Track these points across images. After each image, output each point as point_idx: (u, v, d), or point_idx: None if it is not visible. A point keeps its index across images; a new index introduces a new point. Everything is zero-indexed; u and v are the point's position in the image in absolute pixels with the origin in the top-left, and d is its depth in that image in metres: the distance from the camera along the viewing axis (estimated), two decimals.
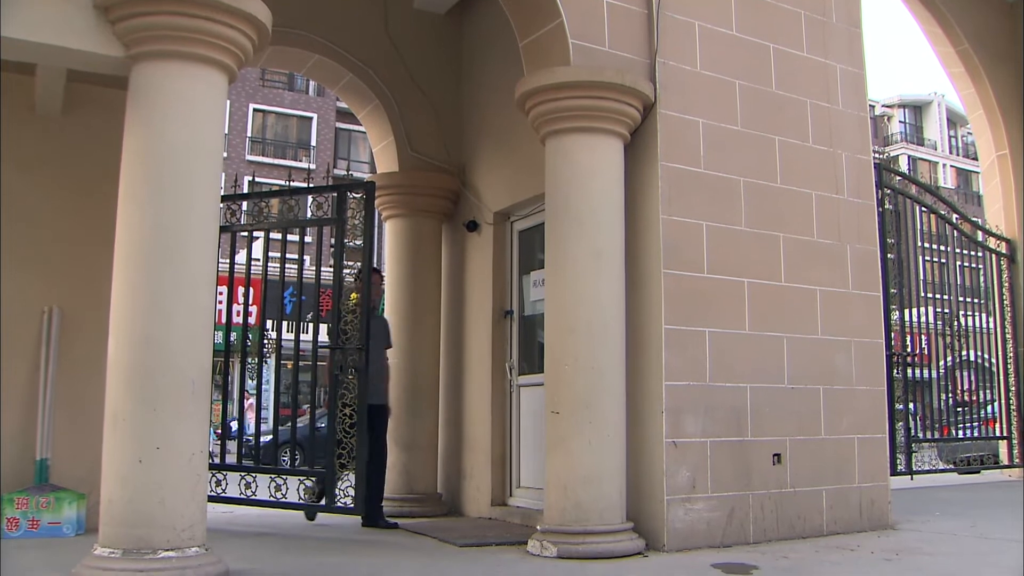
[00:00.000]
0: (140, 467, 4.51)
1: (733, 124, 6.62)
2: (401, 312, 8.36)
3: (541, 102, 6.15)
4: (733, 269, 6.41)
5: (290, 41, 7.97)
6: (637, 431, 6.05)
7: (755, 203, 6.60)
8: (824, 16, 7.31)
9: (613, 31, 6.32)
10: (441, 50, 8.87)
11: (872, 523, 6.82)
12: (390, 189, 8.48)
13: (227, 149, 34.05)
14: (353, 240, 7.68)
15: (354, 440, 6.99)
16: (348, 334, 7.15)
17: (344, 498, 7.17)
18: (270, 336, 9.10)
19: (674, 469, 5.94)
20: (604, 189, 6.06)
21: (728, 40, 6.75)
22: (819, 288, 6.82)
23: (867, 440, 6.93)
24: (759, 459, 6.33)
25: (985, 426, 11.92)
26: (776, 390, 6.48)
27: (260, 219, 8.08)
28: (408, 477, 8.10)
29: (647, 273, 6.16)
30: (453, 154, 8.69)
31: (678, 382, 6.03)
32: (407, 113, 8.58)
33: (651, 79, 6.31)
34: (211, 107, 5.00)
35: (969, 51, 11.51)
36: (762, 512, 6.28)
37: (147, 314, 4.66)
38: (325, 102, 37.65)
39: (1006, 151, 11.68)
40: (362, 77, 8.43)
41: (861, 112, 7.41)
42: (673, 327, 6.06)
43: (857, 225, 7.15)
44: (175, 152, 4.80)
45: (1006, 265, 11.51)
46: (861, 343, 7.00)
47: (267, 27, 5.18)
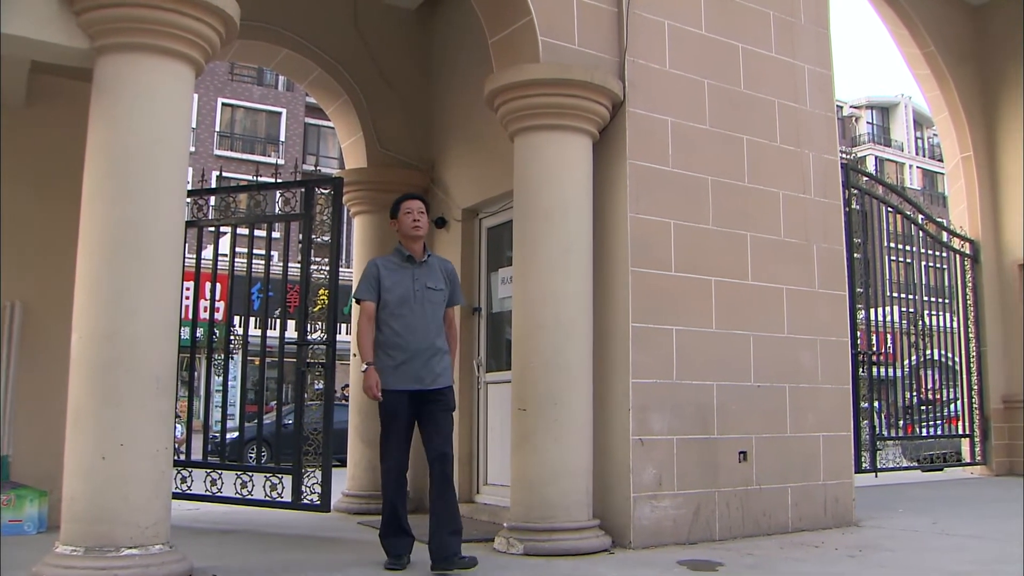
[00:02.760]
0: (103, 464, 4.47)
1: (701, 123, 6.67)
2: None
3: (510, 99, 6.17)
4: (700, 267, 6.46)
5: (258, 35, 7.92)
6: (604, 428, 6.08)
7: (723, 202, 6.66)
8: (792, 17, 7.38)
9: (583, 29, 6.34)
10: (411, 46, 8.87)
11: (837, 520, 6.90)
12: (358, 185, 8.47)
13: (195, 143, 33.79)
14: (321, 236, 7.68)
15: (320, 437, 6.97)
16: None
17: (311, 495, 7.16)
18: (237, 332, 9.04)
19: (641, 467, 5.98)
20: (572, 187, 6.09)
21: (697, 39, 6.80)
22: (785, 287, 6.89)
23: (832, 438, 7.01)
24: (725, 457, 6.39)
25: (948, 424, 12.10)
26: (742, 388, 6.54)
27: (227, 214, 8.04)
28: (375, 474, 8.02)
29: (615, 271, 6.20)
30: (422, 150, 8.68)
31: (645, 380, 6.07)
32: (376, 109, 8.57)
33: (620, 77, 6.34)
34: (177, 101, 4.96)
35: (935, 53, 11.68)
36: (728, 509, 6.34)
37: (111, 309, 4.62)
38: (294, 97, 37.48)
39: (970, 153, 11.87)
40: (331, 72, 8.40)
41: (828, 112, 7.49)
42: (640, 325, 6.10)
43: (823, 224, 7.23)
44: (140, 146, 4.75)
45: (970, 265, 11.70)
46: (827, 341, 7.08)
47: (235, 20, 5.15)
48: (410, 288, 5.21)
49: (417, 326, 5.17)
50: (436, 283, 5.30)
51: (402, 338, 5.14)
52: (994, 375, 11.55)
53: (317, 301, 7.67)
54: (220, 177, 32.23)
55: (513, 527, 5.79)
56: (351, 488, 8.18)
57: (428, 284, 5.26)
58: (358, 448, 8.19)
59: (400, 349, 5.14)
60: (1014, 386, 11.57)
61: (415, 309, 5.18)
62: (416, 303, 5.19)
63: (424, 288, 5.24)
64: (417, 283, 5.23)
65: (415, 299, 5.20)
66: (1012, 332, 11.66)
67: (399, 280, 5.22)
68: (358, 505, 7.93)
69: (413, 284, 5.22)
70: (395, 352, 5.14)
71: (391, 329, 5.16)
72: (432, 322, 5.23)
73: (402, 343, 5.14)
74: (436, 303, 5.28)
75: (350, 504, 8.00)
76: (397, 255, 5.34)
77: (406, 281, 5.22)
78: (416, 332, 5.15)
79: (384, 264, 5.31)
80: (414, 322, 5.17)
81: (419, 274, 5.26)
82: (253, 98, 37.45)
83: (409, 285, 5.21)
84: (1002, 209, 11.87)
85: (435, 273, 5.33)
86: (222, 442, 8.06)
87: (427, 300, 5.24)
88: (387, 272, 5.24)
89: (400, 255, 5.33)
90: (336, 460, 7.96)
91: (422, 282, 5.25)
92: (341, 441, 8.43)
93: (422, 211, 5.35)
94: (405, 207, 5.34)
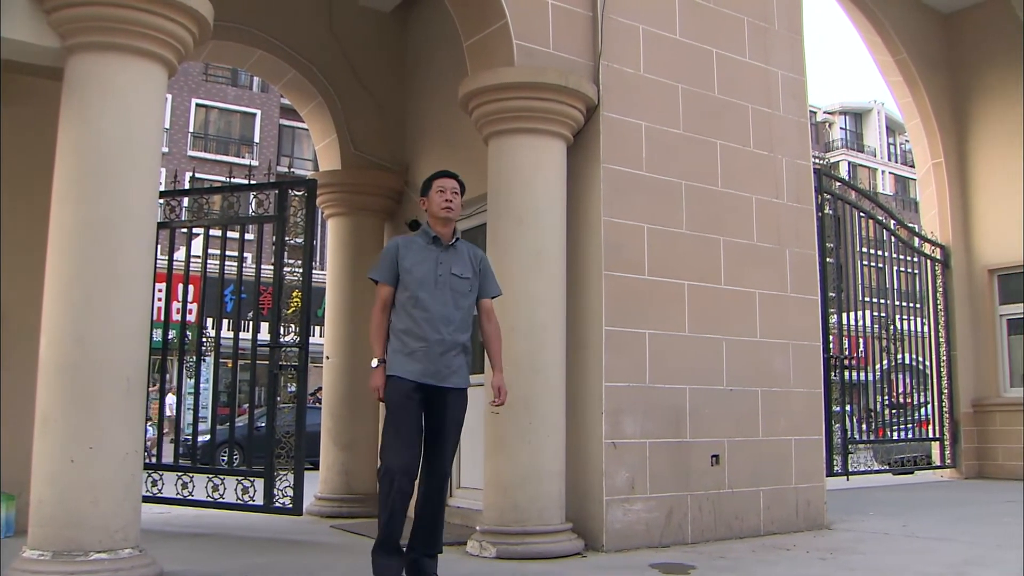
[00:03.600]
0: (72, 467, 4.44)
1: (675, 127, 6.71)
2: (342, 311, 8.33)
3: (484, 102, 6.18)
4: (673, 271, 6.50)
5: (232, 36, 7.90)
6: (577, 432, 6.10)
7: (696, 206, 6.70)
8: (766, 22, 7.44)
9: (557, 33, 6.36)
10: (385, 48, 8.87)
11: (808, 523, 6.95)
12: (332, 187, 8.45)
13: (168, 144, 33.56)
14: (294, 238, 7.66)
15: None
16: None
17: (283, 498, 7.14)
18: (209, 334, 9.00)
19: (613, 470, 6.00)
20: (546, 190, 6.11)
21: (671, 44, 6.84)
22: (758, 291, 6.94)
23: (804, 441, 7.07)
24: (697, 460, 6.42)
25: (918, 428, 12.23)
26: (714, 391, 6.58)
27: (200, 216, 8.00)
28: (347, 476, 8.07)
29: (588, 274, 6.22)
30: (396, 153, 8.68)
31: (618, 383, 6.10)
32: (350, 111, 8.56)
33: (594, 81, 6.37)
34: (149, 101, 4.93)
35: (907, 60, 11.83)
36: (700, 512, 6.37)
37: (81, 311, 4.59)
38: (269, 98, 37.29)
39: (941, 159, 12.04)
40: (305, 74, 8.39)
41: (801, 118, 7.56)
42: (613, 328, 6.12)
43: (796, 229, 7.29)
44: (111, 146, 4.73)
45: (940, 270, 11.85)
46: (799, 345, 7.14)
47: (208, 21, 5.13)
48: (432, 271, 4.62)
49: (437, 314, 4.56)
50: (463, 270, 4.71)
51: (419, 326, 4.53)
52: (964, 379, 11.71)
53: (290, 303, 7.64)
54: (193, 178, 32.02)
55: (486, 530, 5.80)
56: (323, 491, 8.16)
57: (453, 270, 4.67)
58: (331, 451, 8.18)
59: (415, 337, 4.53)
60: (983, 390, 11.74)
61: (435, 295, 4.59)
62: (438, 289, 4.60)
63: (448, 274, 4.65)
64: (441, 267, 4.64)
65: (436, 284, 4.61)
66: (982, 337, 11.83)
67: (420, 261, 4.63)
68: (330, 508, 7.92)
69: (436, 267, 4.63)
70: (409, 340, 4.53)
71: (408, 315, 4.56)
72: (455, 312, 4.63)
73: (418, 331, 4.53)
74: (460, 292, 4.68)
75: (322, 507, 7.98)
76: (423, 236, 4.76)
77: (428, 263, 4.64)
78: (435, 321, 4.55)
79: (406, 243, 4.72)
80: (434, 309, 4.57)
81: (444, 258, 4.68)
82: (227, 99, 37.23)
83: (431, 268, 4.63)
84: (972, 214, 12.04)
85: (462, 259, 4.75)
86: (193, 445, 8.01)
87: (450, 287, 4.64)
88: (408, 252, 4.66)
89: (426, 236, 4.74)
90: (309, 463, 7.94)
91: (447, 267, 4.66)
92: (314, 444, 8.41)
93: (456, 191, 4.79)
94: (438, 185, 4.78)
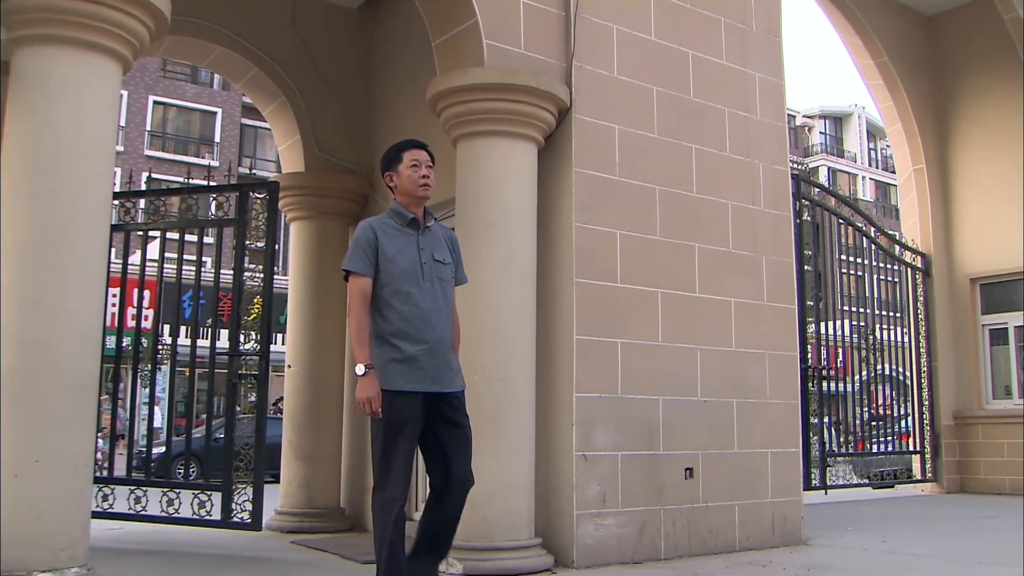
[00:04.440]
0: (15, 481, 4.39)
1: (650, 131, 6.75)
2: (304, 318, 8.30)
3: (453, 104, 6.19)
4: (647, 279, 6.53)
5: (192, 31, 7.85)
6: (546, 444, 6.11)
7: (670, 212, 6.73)
8: (744, 24, 7.50)
9: (529, 33, 6.39)
10: (352, 46, 8.85)
11: (785, 539, 7.00)
12: (295, 190, 8.42)
13: (123, 143, 33.31)
14: (255, 242, 7.62)
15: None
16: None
17: (241, 513, 7.09)
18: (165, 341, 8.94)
19: (584, 483, 6.01)
20: (516, 195, 6.12)
21: (646, 45, 6.88)
22: (734, 299, 6.98)
23: (780, 454, 7.12)
24: (671, 473, 6.45)
25: (899, 440, 12.35)
26: (689, 403, 6.61)
27: (157, 218, 7.95)
28: (309, 490, 8.04)
29: (559, 282, 6.24)
30: (362, 155, 8.66)
31: (589, 394, 6.11)
32: (314, 111, 8.54)
33: (567, 83, 6.39)
34: (102, 98, 4.91)
35: (888, 64, 11.96)
36: (674, 527, 6.40)
37: (29, 315, 4.55)
38: (230, 96, 37.13)
39: (923, 165, 12.17)
40: (268, 72, 8.36)
41: (779, 122, 7.62)
42: (584, 337, 6.14)
43: (773, 236, 7.35)
44: (62, 144, 4.70)
45: (921, 279, 11.99)
46: (775, 355, 7.19)
47: (165, 15, 5.11)
48: (416, 259, 4.23)
49: (430, 309, 4.19)
50: (443, 255, 4.38)
51: (412, 325, 4.14)
52: (945, 391, 11.84)
53: (251, 310, 7.60)
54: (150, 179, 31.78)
55: (453, 546, 5.78)
56: (284, 506, 8.12)
57: (435, 256, 4.32)
58: (292, 464, 8.14)
59: (409, 339, 4.13)
60: (965, 402, 11.87)
61: (424, 288, 4.20)
62: (426, 280, 4.22)
63: (432, 260, 4.29)
64: (423, 253, 4.27)
65: (424, 275, 4.23)
66: (964, 347, 11.96)
67: (402, 249, 4.23)
68: (291, 523, 7.88)
69: (419, 255, 4.25)
70: (403, 342, 4.12)
71: (396, 313, 4.15)
72: (444, 305, 4.29)
73: (412, 331, 4.14)
74: (446, 280, 4.35)
75: (283, 522, 7.94)
76: (396, 217, 4.33)
77: (410, 251, 4.25)
78: (429, 317, 4.18)
79: (381, 227, 4.27)
80: (425, 304, 4.18)
81: (424, 243, 4.31)
82: (187, 96, 37.03)
83: (415, 256, 4.24)
84: (954, 222, 12.18)
85: (440, 243, 4.40)
86: (148, 457, 7.95)
87: (437, 276, 4.29)
88: (387, 238, 4.23)
89: (400, 218, 4.32)
90: (269, 476, 7.89)
91: (428, 252, 4.30)
92: (274, 456, 8.37)
93: (431, 165, 4.39)
94: (410, 157, 4.34)
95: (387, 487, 4.07)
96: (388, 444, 4.09)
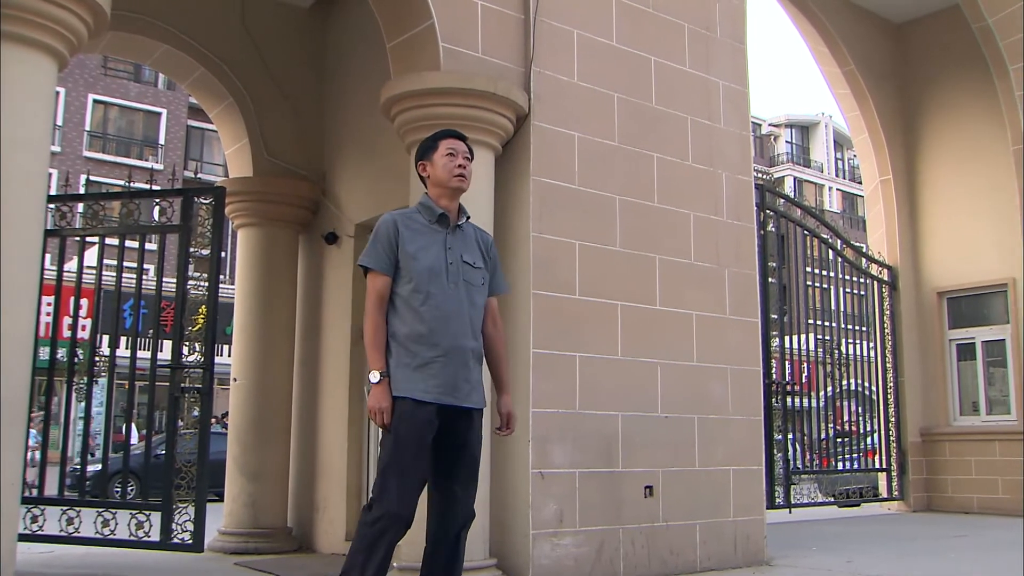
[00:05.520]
0: None
1: (610, 139, 6.82)
2: (251, 329, 8.26)
3: (408, 108, 6.22)
4: (606, 291, 6.58)
5: (134, 28, 7.81)
6: (502, 461, 6.13)
7: (631, 222, 6.80)
8: (708, 30, 7.60)
9: (487, 36, 6.43)
10: (303, 47, 8.85)
11: (747, 558, 7.07)
12: (243, 195, 8.40)
13: (60, 143, 32.88)
14: (200, 249, 7.59)
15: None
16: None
17: (182, 533, 7.04)
18: (103, 353, 8.86)
19: (540, 502, 6.04)
20: (472, 203, 6.12)
21: (608, 51, 6.95)
22: (695, 313, 7.06)
23: (743, 472, 7.19)
24: (630, 491, 6.50)
25: (865, 458, 12.51)
26: (649, 419, 6.66)
27: (96, 223, 7.89)
28: (254, 509, 7.99)
29: (515, 293, 6.25)
30: (313, 160, 8.66)
31: (546, 409, 6.15)
32: (264, 114, 8.52)
33: (525, 88, 6.44)
34: (36, 95, 4.85)
35: (855, 72, 12.15)
36: (633, 547, 6.44)
37: None
38: (176, 97, 36.83)
39: (889, 176, 12.37)
40: (215, 72, 8.33)
41: (743, 131, 7.73)
42: (542, 351, 6.18)
43: (736, 248, 7.44)
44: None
45: (888, 292, 12.16)
46: (738, 370, 7.27)
47: (104, 10, 5.06)
48: (442, 259, 3.98)
49: (452, 314, 3.92)
50: (474, 258, 4.11)
51: (429, 328, 3.87)
52: (912, 407, 12.02)
53: (195, 320, 7.56)
54: (89, 182, 31.41)
55: (403, 567, 5.79)
56: (228, 525, 8.06)
57: (465, 257, 4.05)
58: (237, 481, 8.09)
59: (428, 345, 3.87)
60: (932, 418, 12.05)
61: (449, 291, 3.94)
62: (451, 282, 3.96)
63: (460, 262, 4.02)
64: (451, 253, 4.01)
65: (449, 276, 3.97)
66: (930, 362, 12.16)
67: (426, 246, 3.98)
68: (235, 544, 7.82)
69: (445, 254, 4.00)
70: (420, 348, 3.87)
71: (415, 316, 3.89)
72: (472, 311, 4.01)
73: (431, 336, 3.87)
74: (476, 285, 4.07)
75: (226, 543, 7.88)
76: (424, 212, 4.09)
77: (436, 249, 3.99)
78: (451, 323, 3.91)
79: (405, 222, 4.03)
80: (448, 308, 3.92)
81: (453, 242, 4.05)
82: (129, 96, 36.67)
83: (440, 255, 3.99)
84: (921, 235, 12.39)
85: (471, 244, 4.14)
86: (82, 475, 7.86)
87: (464, 279, 4.02)
88: (410, 234, 3.99)
89: (429, 212, 4.08)
90: (213, 494, 7.85)
91: (457, 253, 4.04)
92: (218, 474, 8.31)
93: (468, 157, 4.18)
94: (447, 146, 4.14)
95: (383, 501, 3.74)
96: (394, 458, 3.79)
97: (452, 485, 3.92)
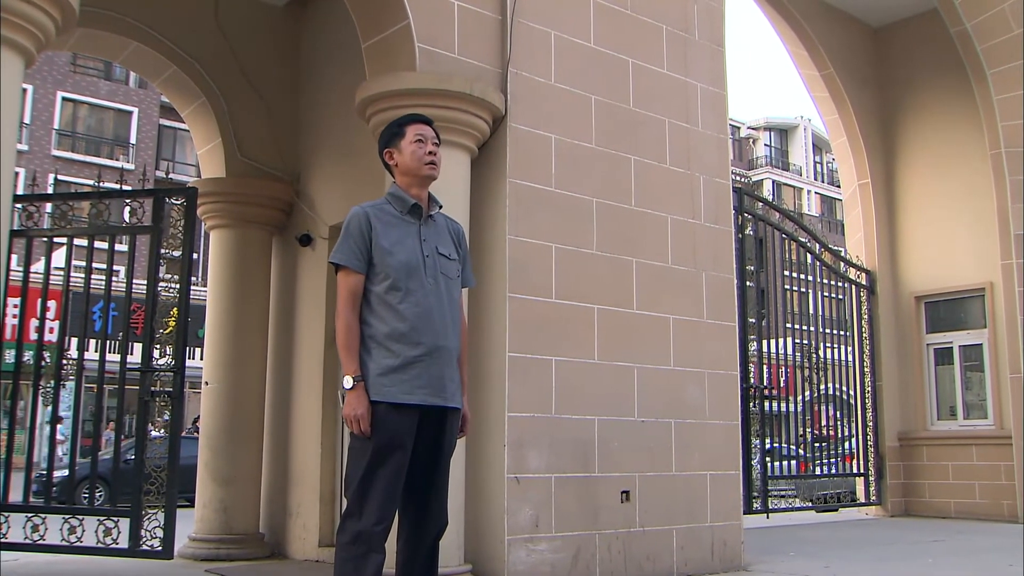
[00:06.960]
0: None
1: (587, 141, 6.84)
2: (223, 332, 8.22)
3: (383, 109, 6.22)
4: (583, 294, 6.60)
5: (104, 24, 7.77)
6: (477, 466, 6.14)
7: (608, 225, 6.83)
8: (687, 32, 7.65)
9: (464, 37, 6.44)
10: (278, 46, 8.81)
11: (724, 564, 7.10)
12: (215, 196, 8.36)
13: (28, 142, 32.66)
14: (172, 251, 7.57)
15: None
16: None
17: (152, 540, 7.01)
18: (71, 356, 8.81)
19: (516, 507, 6.05)
20: (447, 205, 6.14)
21: (585, 52, 6.98)
22: (672, 316, 7.09)
23: (720, 477, 7.23)
24: (607, 496, 6.52)
25: (843, 462, 12.60)
26: (625, 423, 6.69)
27: (64, 224, 7.84)
28: (226, 515, 7.95)
29: (491, 296, 6.28)
30: (287, 161, 8.64)
31: (522, 413, 6.16)
32: (237, 113, 8.48)
33: (502, 90, 6.46)
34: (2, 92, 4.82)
35: (834, 75, 12.24)
36: (609, 553, 6.46)
37: None
38: (148, 95, 36.66)
39: (868, 180, 12.47)
40: (187, 71, 8.29)
41: (721, 134, 7.77)
42: (517, 355, 6.19)
43: (713, 251, 7.48)
44: None
45: (866, 297, 12.27)
46: (715, 375, 7.31)
47: (73, 6, 5.04)
48: (418, 252, 3.82)
49: (433, 309, 3.76)
50: (448, 249, 3.96)
51: (410, 325, 3.71)
52: (890, 411, 12.12)
53: (166, 323, 7.54)
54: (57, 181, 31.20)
55: None
56: (199, 531, 8.02)
57: (440, 249, 3.91)
58: (208, 487, 8.05)
59: (408, 343, 3.70)
60: (910, 423, 12.15)
61: (428, 286, 3.78)
62: (429, 276, 3.80)
63: (435, 254, 3.87)
64: (426, 246, 3.86)
65: (427, 269, 3.81)
66: (908, 366, 12.26)
67: (401, 239, 3.82)
68: (206, 550, 7.78)
69: (420, 247, 3.84)
70: (401, 347, 3.70)
71: (395, 313, 3.73)
72: (451, 306, 3.87)
73: (413, 334, 3.71)
74: (452, 278, 3.92)
75: (197, 549, 7.84)
76: (395, 202, 3.92)
77: (411, 242, 3.83)
78: (432, 318, 3.75)
79: (377, 215, 3.85)
80: (428, 303, 3.76)
81: (427, 234, 3.90)
82: (100, 94, 36.45)
83: (416, 248, 3.83)
84: (899, 239, 12.50)
85: (444, 235, 4.00)
86: (48, 481, 7.81)
87: (441, 272, 3.87)
88: (383, 227, 3.81)
89: (401, 203, 3.92)
90: (183, 500, 7.81)
91: (432, 245, 3.89)
92: (189, 479, 8.28)
93: (437, 143, 4.06)
94: (415, 131, 3.98)
95: (362, 515, 3.58)
96: (372, 467, 3.62)
97: (427, 492, 3.78)
